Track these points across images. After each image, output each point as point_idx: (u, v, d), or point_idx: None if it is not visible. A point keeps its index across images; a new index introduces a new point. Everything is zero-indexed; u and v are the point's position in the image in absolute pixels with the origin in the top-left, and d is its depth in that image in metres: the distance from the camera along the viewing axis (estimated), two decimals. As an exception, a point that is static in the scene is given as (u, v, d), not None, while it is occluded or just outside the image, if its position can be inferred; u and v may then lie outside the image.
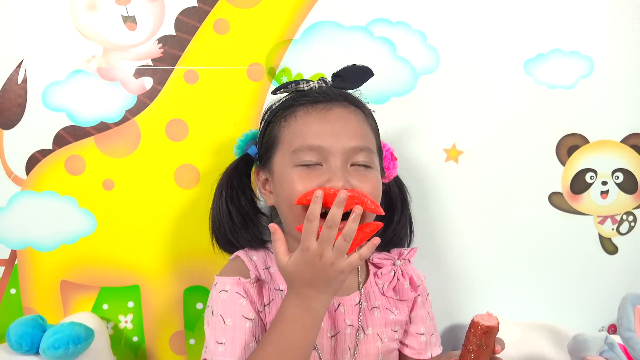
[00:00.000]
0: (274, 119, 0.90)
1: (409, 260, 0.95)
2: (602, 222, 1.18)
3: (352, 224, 0.74)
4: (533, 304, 1.17)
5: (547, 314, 1.15)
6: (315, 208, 0.75)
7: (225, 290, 0.84)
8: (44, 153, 1.07)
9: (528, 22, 1.12)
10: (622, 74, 1.14)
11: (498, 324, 0.76)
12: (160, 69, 1.06)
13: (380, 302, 0.92)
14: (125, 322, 1.12)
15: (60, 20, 1.04)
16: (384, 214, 0.81)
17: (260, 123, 0.94)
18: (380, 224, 0.79)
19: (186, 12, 1.06)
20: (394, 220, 0.98)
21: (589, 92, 1.14)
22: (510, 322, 1.11)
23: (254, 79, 1.07)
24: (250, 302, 0.84)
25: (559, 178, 1.16)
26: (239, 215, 0.94)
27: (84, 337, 1.00)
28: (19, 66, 1.05)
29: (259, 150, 0.93)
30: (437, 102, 1.11)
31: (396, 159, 0.97)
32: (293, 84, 0.90)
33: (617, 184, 1.18)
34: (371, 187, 0.83)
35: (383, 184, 0.96)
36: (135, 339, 1.13)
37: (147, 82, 1.07)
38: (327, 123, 0.85)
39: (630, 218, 1.19)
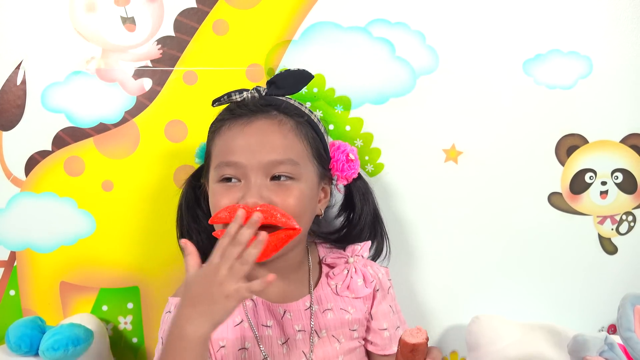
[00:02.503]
0: (209, 133, 0.92)
1: (362, 256, 0.94)
2: (601, 222, 1.18)
3: (253, 250, 0.72)
4: (532, 305, 1.17)
5: (546, 315, 1.15)
6: (232, 227, 0.74)
7: (169, 312, 0.86)
8: (43, 154, 1.07)
9: (527, 22, 1.12)
10: (622, 74, 1.14)
11: (426, 339, 0.74)
12: (160, 70, 1.06)
13: (333, 304, 0.91)
14: (125, 323, 1.12)
15: (59, 21, 1.04)
16: (298, 228, 0.81)
17: None
18: (297, 230, 0.81)
19: (185, 13, 1.06)
20: (352, 219, 0.98)
21: (588, 93, 1.14)
22: (510, 322, 1.11)
23: (253, 79, 1.07)
24: None
25: (558, 178, 1.16)
26: (195, 225, 0.96)
27: (84, 338, 0.99)
28: (18, 67, 1.05)
29: (204, 165, 0.95)
30: (437, 103, 1.11)
31: (352, 160, 0.94)
32: (225, 96, 0.90)
33: (616, 184, 1.18)
34: (293, 200, 0.83)
35: (343, 185, 0.97)
36: (134, 340, 1.13)
37: (147, 83, 1.07)
38: (243, 138, 0.85)
39: (630, 218, 1.19)
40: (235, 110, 0.88)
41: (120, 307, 1.11)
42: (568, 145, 1.15)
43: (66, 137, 1.07)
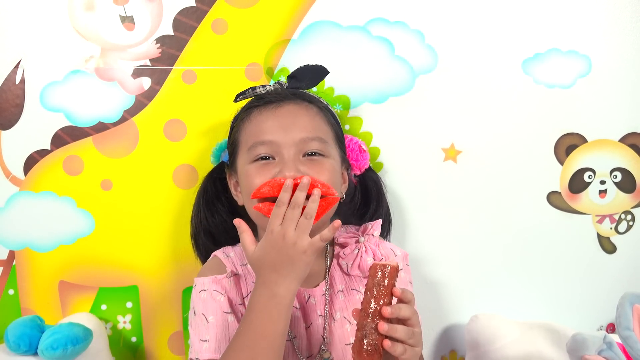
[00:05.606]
0: (235, 124, 0.96)
1: (373, 235, 0.96)
2: (600, 222, 1.18)
3: (312, 204, 0.79)
4: (531, 303, 1.18)
5: (545, 313, 1.15)
6: (284, 196, 0.79)
7: (205, 290, 0.87)
8: (42, 153, 1.07)
9: (526, 21, 1.12)
10: (620, 73, 1.14)
11: (397, 265, 0.75)
12: (159, 69, 1.06)
13: (343, 285, 0.93)
14: (124, 322, 1.12)
15: (58, 20, 1.04)
16: (336, 195, 0.85)
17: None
18: (336, 198, 0.85)
19: (184, 12, 1.06)
20: (369, 211, 1.02)
21: (587, 92, 1.14)
22: (509, 321, 1.11)
23: (253, 79, 1.07)
24: (228, 298, 0.87)
25: (557, 177, 1.16)
26: (214, 220, 0.99)
27: (83, 337, 0.99)
28: (16, 66, 1.04)
29: (229, 156, 0.97)
30: (436, 102, 1.11)
31: (365, 151, 1.01)
32: (250, 90, 0.95)
33: (615, 183, 1.18)
34: (326, 174, 0.88)
35: (355, 176, 1.02)
36: (133, 339, 1.13)
37: (145, 82, 1.07)
38: (276, 118, 0.90)
39: (629, 217, 1.19)
40: (265, 97, 0.93)
41: (119, 306, 1.11)
42: (567, 145, 1.15)
43: (65, 136, 1.06)
